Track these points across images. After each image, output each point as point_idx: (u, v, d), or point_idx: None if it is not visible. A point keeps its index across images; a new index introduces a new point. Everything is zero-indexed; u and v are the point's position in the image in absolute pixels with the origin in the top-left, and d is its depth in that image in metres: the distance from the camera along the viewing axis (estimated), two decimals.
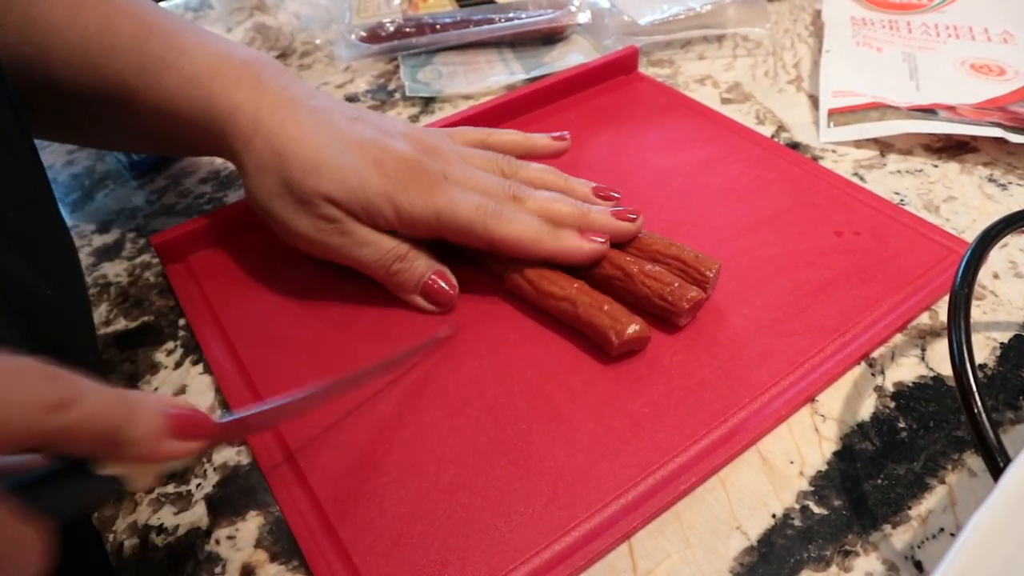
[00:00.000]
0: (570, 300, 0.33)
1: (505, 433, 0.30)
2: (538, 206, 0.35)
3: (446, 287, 0.35)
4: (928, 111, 0.46)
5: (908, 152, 0.45)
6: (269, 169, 0.34)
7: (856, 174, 0.43)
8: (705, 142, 0.45)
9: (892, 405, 0.31)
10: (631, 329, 0.31)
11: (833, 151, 0.45)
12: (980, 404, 0.25)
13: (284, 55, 0.60)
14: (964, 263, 0.29)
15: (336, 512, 0.28)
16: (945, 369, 0.32)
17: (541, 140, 0.40)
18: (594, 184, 0.38)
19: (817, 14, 0.60)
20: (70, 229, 0.37)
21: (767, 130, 0.48)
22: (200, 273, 0.39)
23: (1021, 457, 0.21)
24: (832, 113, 0.47)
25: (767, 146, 0.45)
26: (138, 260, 0.41)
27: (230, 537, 0.28)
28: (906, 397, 0.31)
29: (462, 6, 0.60)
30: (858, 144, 0.46)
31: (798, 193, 0.41)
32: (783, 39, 0.58)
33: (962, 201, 0.41)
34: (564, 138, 0.41)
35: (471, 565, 0.26)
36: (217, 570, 0.27)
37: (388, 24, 0.58)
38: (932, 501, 0.28)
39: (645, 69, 0.54)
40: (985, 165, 0.44)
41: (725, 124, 0.47)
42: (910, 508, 0.27)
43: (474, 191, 0.34)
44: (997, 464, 0.24)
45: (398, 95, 0.54)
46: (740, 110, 0.50)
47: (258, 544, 0.28)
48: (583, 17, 0.58)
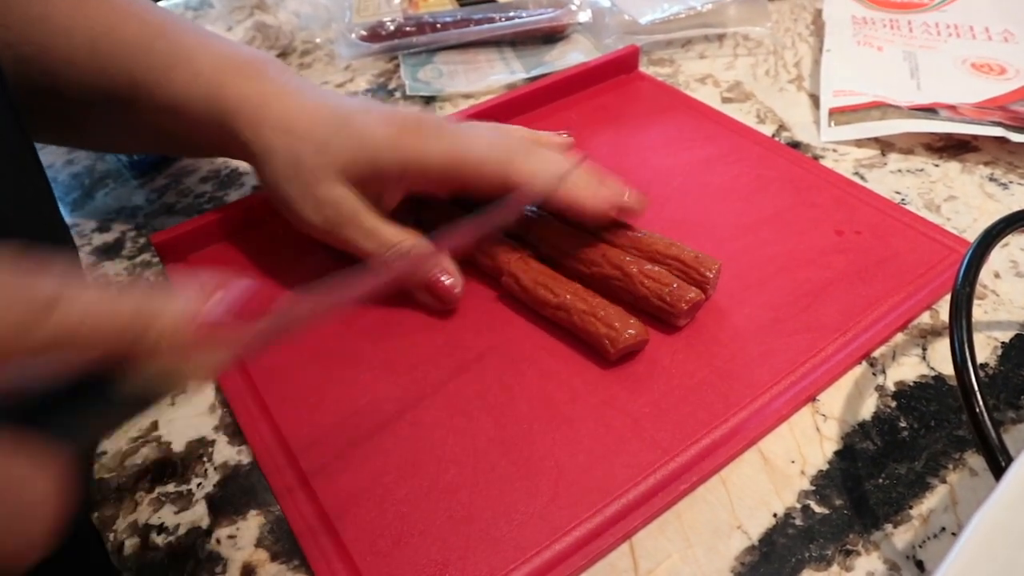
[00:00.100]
0: (565, 308, 0.33)
1: (506, 433, 0.30)
2: (553, 154, 0.36)
3: (450, 284, 0.35)
4: (929, 110, 0.46)
5: (909, 151, 0.45)
6: (278, 151, 0.34)
7: (857, 173, 0.43)
8: (706, 141, 0.45)
9: (893, 404, 0.31)
10: (627, 335, 0.31)
11: (834, 150, 0.45)
12: (981, 403, 0.25)
13: (284, 54, 0.60)
14: (965, 262, 0.29)
15: (337, 511, 0.28)
16: (946, 368, 0.32)
17: (546, 135, 0.41)
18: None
19: (818, 13, 0.60)
20: (70, 228, 0.37)
21: (768, 129, 0.47)
22: (201, 272, 0.39)
23: (1022, 456, 0.21)
24: (833, 112, 0.47)
25: (768, 145, 0.45)
26: (138, 259, 0.41)
27: (231, 536, 0.28)
28: (907, 396, 0.31)
29: (462, 5, 0.60)
30: (859, 143, 0.46)
31: (799, 192, 0.41)
32: (784, 38, 0.58)
33: (963, 200, 0.41)
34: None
35: (472, 564, 0.26)
36: (218, 569, 0.27)
37: (388, 23, 0.58)
38: (933, 500, 0.28)
39: (646, 68, 0.54)
40: (986, 164, 0.44)
41: (726, 123, 0.47)
42: (911, 507, 0.27)
43: (484, 138, 0.35)
44: (999, 463, 0.24)
45: (398, 94, 0.54)
46: (741, 109, 0.50)
47: (259, 543, 0.28)
48: (584, 16, 0.58)
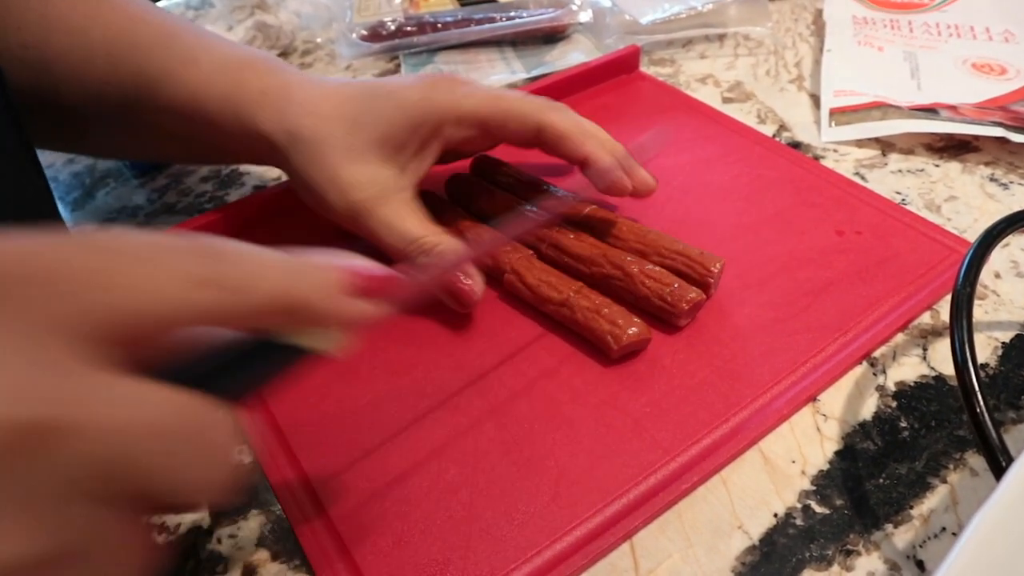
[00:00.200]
0: (568, 306, 0.33)
1: (506, 432, 0.30)
2: (582, 123, 0.37)
3: (470, 287, 0.33)
4: (929, 110, 0.46)
5: (909, 151, 0.45)
6: (305, 134, 0.34)
7: (857, 173, 0.43)
8: (706, 141, 0.45)
9: (894, 404, 0.31)
10: (630, 332, 0.31)
11: (834, 150, 0.45)
12: (982, 403, 0.25)
13: (285, 54, 0.60)
14: (966, 263, 0.29)
15: (338, 511, 0.28)
16: (947, 368, 0.32)
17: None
18: None
19: (818, 13, 0.60)
20: (71, 228, 0.37)
21: (768, 129, 0.48)
22: None
23: (1023, 456, 0.21)
24: (833, 112, 0.47)
25: (768, 145, 0.45)
26: None
27: (232, 536, 0.28)
28: (908, 396, 0.31)
29: (463, 5, 0.60)
30: (859, 143, 0.46)
31: (799, 192, 0.41)
32: (784, 38, 0.58)
33: (964, 201, 0.41)
34: None
35: (473, 564, 0.26)
36: (219, 569, 0.27)
37: (389, 23, 0.58)
38: (934, 500, 0.28)
39: (646, 68, 0.54)
40: (986, 165, 0.44)
41: (726, 123, 0.47)
42: (912, 507, 0.27)
43: (515, 92, 0.36)
44: (999, 463, 0.24)
45: None
46: (741, 109, 0.50)
47: (260, 543, 0.28)
48: (584, 16, 0.58)
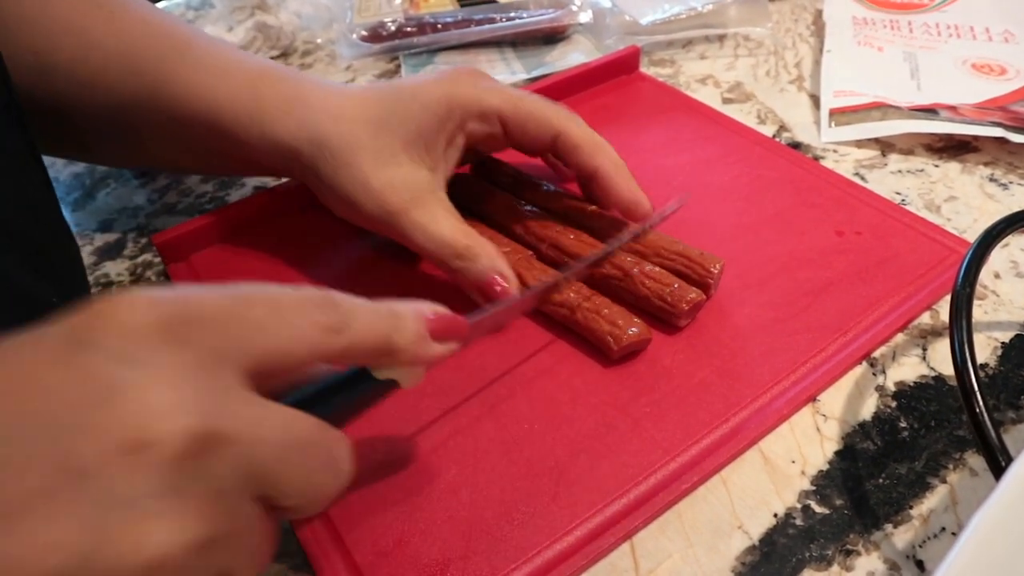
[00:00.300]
0: (568, 306, 0.33)
1: (506, 432, 0.30)
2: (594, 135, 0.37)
3: (504, 288, 0.33)
4: (929, 111, 0.46)
5: (909, 152, 0.45)
6: (331, 139, 0.34)
7: (857, 174, 0.43)
8: (706, 142, 0.45)
9: (893, 404, 0.31)
10: (630, 333, 0.31)
11: (834, 151, 0.45)
12: (982, 403, 0.25)
13: (285, 54, 0.60)
14: (965, 263, 0.29)
15: (338, 511, 0.28)
16: (946, 369, 0.32)
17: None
18: None
19: (818, 14, 0.60)
20: (71, 228, 0.37)
21: (768, 130, 0.48)
22: (202, 272, 0.39)
23: (1022, 456, 0.21)
24: (833, 113, 0.47)
25: (768, 146, 0.45)
26: (140, 259, 0.41)
27: None
28: (907, 396, 0.31)
29: (463, 5, 0.60)
30: (859, 144, 0.46)
31: (799, 193, 0.41)
32: (784, 39, 0.58)
33: (963, 201, 0.41)
34: None
35: (473, 564, 0.26)
36: None
37: (389, 23, 0.58)
38: (934, 500, 0.28)
39: (646, 69, 0.54)
40: (986, 165, 0.44)
41: (726, 124, 0.47)
42: (912, 507, 0.27)
43: (537, 96, 0.36)
44: (999, 463, 0.24)
45: None
46: (741, 110, 0.50)
47: None
48: (584, 17, 0.58)
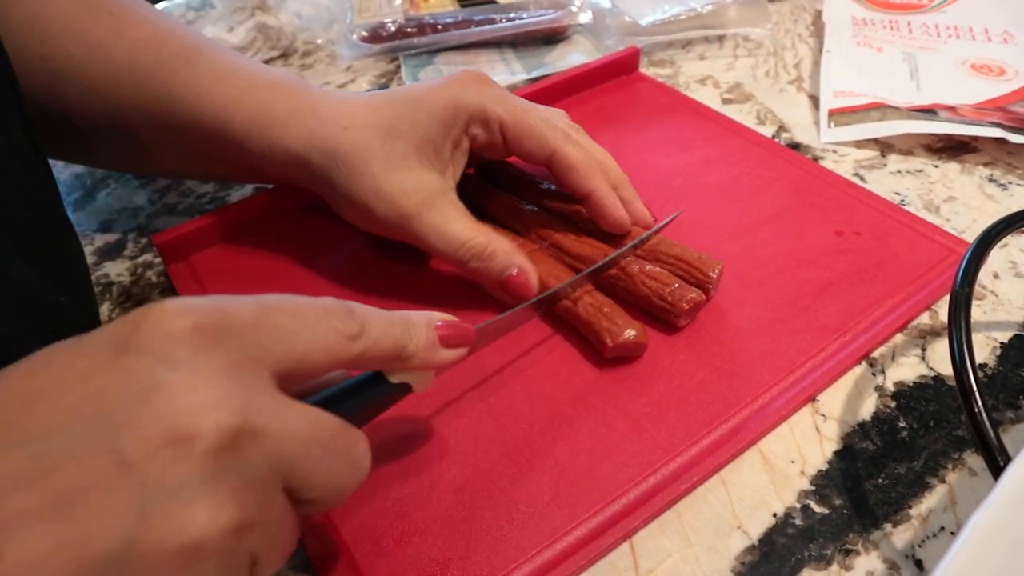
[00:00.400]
0: (572, 300, 0.33)
1: (507, 432, 0.30)
2: (592, 152, 0.36)
3: (525, 280, 0.34)
4: (928, 111, 0.46)
5: (908, 152, 0.45)
6: (342, 148, 0.34)
7: (857, 174, 0.44)
8: (706, 142, 0.45)
9: (893, 404, 0.31)
10: (626, 333, 0.31)
11: (834, 151, 0.46)
12: (980, 403, 0.25)
13: (286, 55, 0.60)
14: (964, 263, 0.29)
15: (338, 511, 0.28)
16: (945, 369, 0.32)
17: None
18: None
19: (818, 14, 0.60)
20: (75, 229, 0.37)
21: (768, 130, 0.48)
22: (203, 273, 0.39)
23: (1021, 456, 0.22)
24: (833, 113, 0.47)
25: (768, 146, 0.45)
26: (140, 259, 0.42)
27: None
28: (907, 396, 0.31)
29: (463, 6, 0.60)
30: (859, 144, 0.46)
31: (799, 193, 0.41)
32: (784, 39, 0.58)
33: (962, 201, 0.41)
34: None
35: (473, 564, 0.26)
36: None
37: (389, 24, 0.58)
38: (933, 500, 0.28)
39: (646, 69, 0.54)
40: (985, 165, 0.44)
41: (726, 124, 0.47)
42: (911, 507, 0.27)
43: (540, 110, 0.36)
44: (997, 463, 0.24)
45: None
46: (741, 110, 0.50)
47: None
48: (584, 17, 0.58)
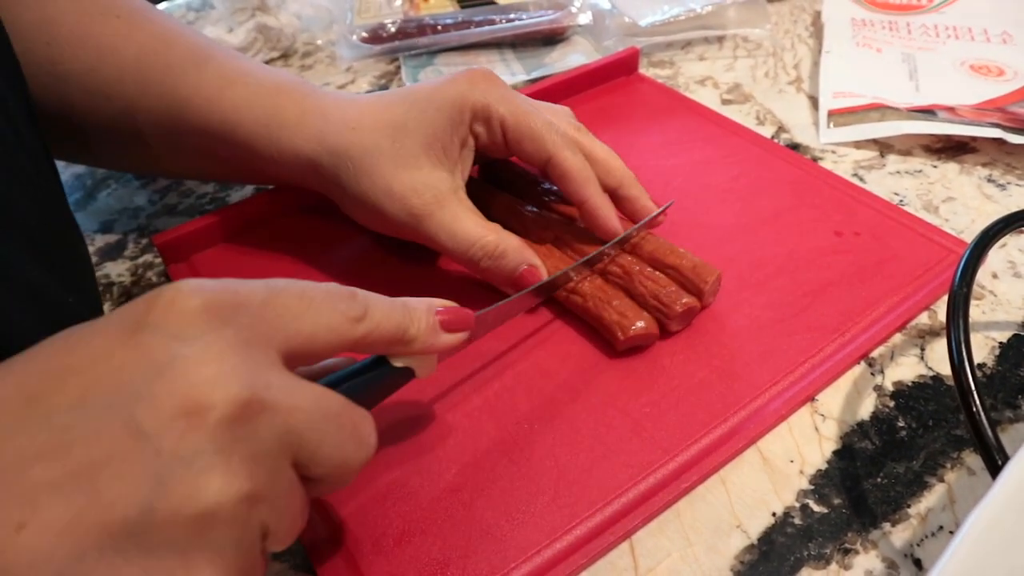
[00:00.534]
0: (580, 294, 0.34)
1: (506, 432, 0.30)
2: (595, 153, 0.36)
3: (539, 279, 0.34)
4: (927, 112, 0.46)
5: (907, 153, 0.45)
6: (351, 150, 0.34)
7: (856, 175, 0.44)
8: (705, 143, 0.46)
9: (892, 404, 0.31)
10: (637, 326, 0.32)
11: (833, 152, 0.46)
12: (979, 403, 0.25)
13: (286, 56, 0.60)
14: (963, 263, 0.29)
15: (339, 510, 0.28)
16: (944, 368, 0.32)
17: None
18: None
19: (817, 15, 0.60)
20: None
21: (767, 131, 0.48)
22: (203, 273, 0.39)
23: (1019, 455, 0.22)
24: (832, 114, 0.48)
25: (767, 147, 0.45)
26: (141, 260, 0.42)
27: None
28: (905, 396, 0.31)
29: (463, 7, 0.60)
30: (858, 145, 0.46)
31: (798, 194, 0.41)
32: (783, 40, 0.58)
33: (961, 201, 0.41)
34: None
35: (473, 563, 0.26)
36: None
37: (389, 25, 0.58)
38: (931, 499, 0.28)
39: (645, 70, 0.55)
40: (984, 166, 0.44)
41: (725, 125, 0.47)
42: (909, 506, 0.28)
43: (544, 113, 0.35)
44: (996, 462, 0.24)
45: None
46: (740, 111, 0.50)
47: None
48: (584, 18, 0.58)
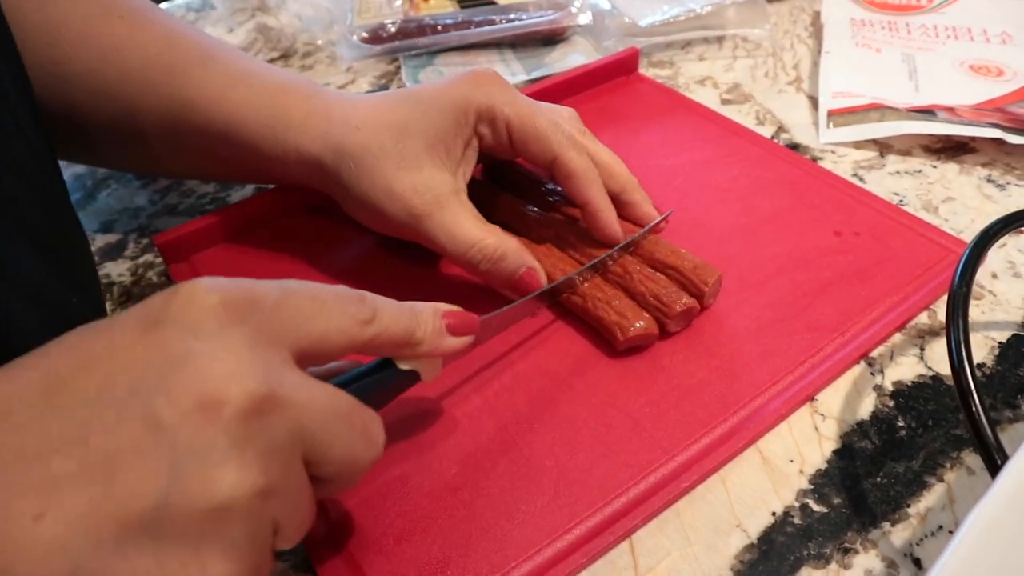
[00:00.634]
0: (580, 294, 0.34)
1: (506, 432, 0.30)
2: (599, 156, 0.36)
3: (538, 283, 0.34)
4: (927, 112, 0.46)
5: (907, 153, 0.45)
6: (354, 150, 0.34)
7: (855, 175, 0.44)
8: (705, 143, 0.46)
9: (891, 404, 0.31)
10: (636, 326, 0.32)
11: (833, 152, 0.46)
12: (978, 403, 0.25)
13: (286, 56, 0.60)
14: (962, 263, 0.29)
15: (339, 510, 0.28)
16: (944, 368, 0.32)
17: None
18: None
19: (816, 15, 0.60)
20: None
21: (767, 131, 0.48)
22: (203, 273, 0.39)
23: (1018, 455, 0.22)
24: (832, 114, 0.48)
25: (767, 147, 0.45)
26: (141, 260, 0.42)
27: None
28: (905, 396, 0.31)
29: (463, 7, 0.60)
30: (857, 145, 0.46)
31: (798, 194, 0.41)
32: (783, 40, 0.58)
33: (961, 201, 0.41)
34: None
35: (473, 563, 0.26)
36: None
37: (390, 25, 0.58)
38: (931, 499, 0.28)
39: (645, 70, 0.55)
40: (983, 166, 0.44)
41: (725, 125, 0.47)
42: (909, 506, 0.28)
43: (548, 115, 0.35)
44: (995, 462, 0.24)
45: None
46: (740, 111, 0.50)
47: None
48: (584, 18, 0.58)
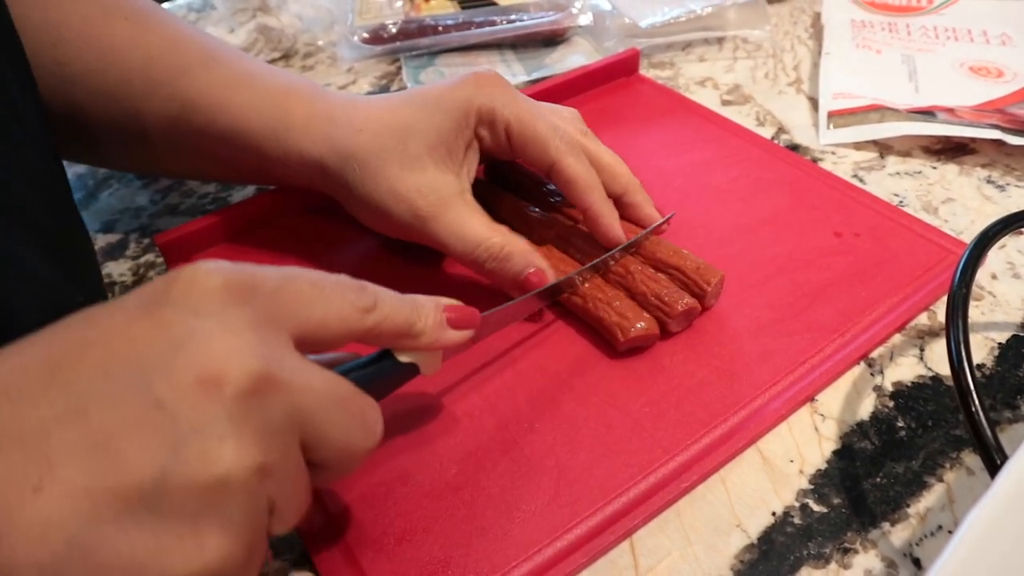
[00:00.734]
0: (580, 295, 0.34)
1: (507, 431, 0.30)
2: (600, 158, 0.36)
3: (544, 282, 0.34)
4: (927, 113, 0.46)
5: (907, 154, 0.45)
6: (357, 152, 0.34)
7: (855, 176, 0.44)
8: (705, 144, 0.46)
9: (891, 404, 0.31)
10: (637, 327, 0.32)
11: (833, 153, 0.46)
12: (978, 403, 0.25)
13: (287, 56, 0.61)
14: (962, 264, 0.29)
15: (340, 510, 0.28)
16: (943, 369, 0.32)
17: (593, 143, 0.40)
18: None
19: (817, 16, 0.60)
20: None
21: (767, 132, 0.48)
22: None
23: (1017, 455, 0.22)
24: (832, 115, 0.48)
25: (767, 148, 0.45)
26: (142, 260, 0.42)
27: None
28: (905, 396, 0.32)
29: (464, 8, 0.60)
30: (857, 146, 0.46)
31: (798, 194, 0.41)
32: (783, 41, 0.58)
33: (960, 202, 0.41)
34: None
35: (474, 562, 0.26)
36: None
37: (390, 25, 0.58)
38: (931, 499, 0.28)
39: (646, 71, 0.55)
40: (983, 167, 0.44)
41: (725, 126, 0.47)
42: (909, 506, 0.28)
43: (549, 118, 0.35)
44: (995, 462, 0.24)
45: None
46: (740, 112, 0.50)
47: None
48: (584, 19, 0.58)
